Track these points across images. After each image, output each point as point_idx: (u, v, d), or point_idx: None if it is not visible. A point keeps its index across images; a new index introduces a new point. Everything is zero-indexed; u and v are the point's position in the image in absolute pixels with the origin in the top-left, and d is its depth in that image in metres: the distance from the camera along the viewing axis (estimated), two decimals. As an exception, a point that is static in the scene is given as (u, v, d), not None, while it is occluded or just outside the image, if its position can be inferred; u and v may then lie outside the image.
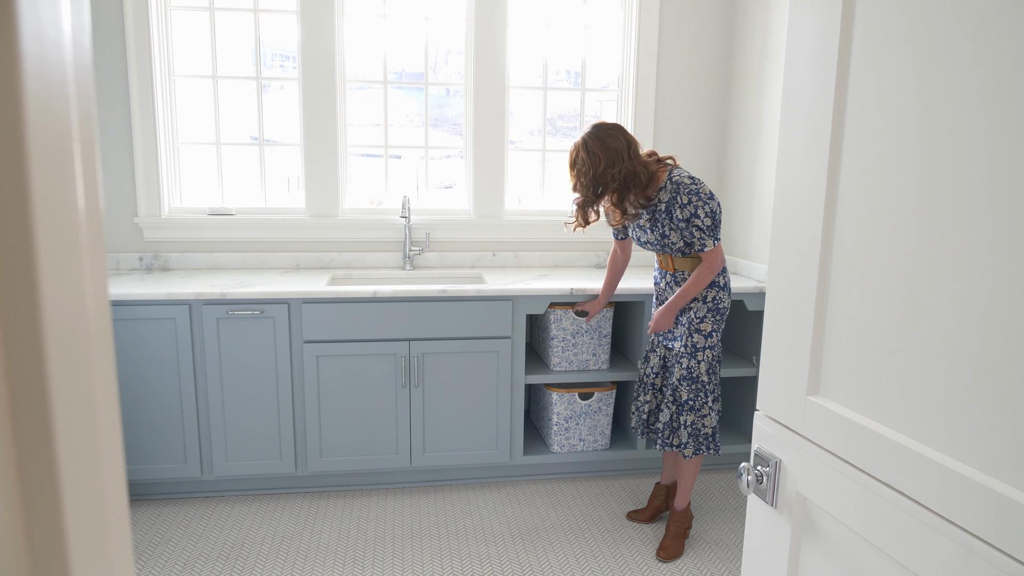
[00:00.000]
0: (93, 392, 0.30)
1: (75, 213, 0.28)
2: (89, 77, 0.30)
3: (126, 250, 3.34)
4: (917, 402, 0.85)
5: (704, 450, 2.60)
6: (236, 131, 3.43)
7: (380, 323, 2.90)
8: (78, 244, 0.29)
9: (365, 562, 2.57)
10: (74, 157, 0.29)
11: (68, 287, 0.28)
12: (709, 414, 2.58)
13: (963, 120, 0.79)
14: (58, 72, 0.27)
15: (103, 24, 3.16)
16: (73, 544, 0.28)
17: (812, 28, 1.02)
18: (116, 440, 0.34)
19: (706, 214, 2.37)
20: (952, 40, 0.80)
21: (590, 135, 2.43)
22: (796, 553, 1.08)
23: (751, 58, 3.42)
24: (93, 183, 0.30)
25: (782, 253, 1.09)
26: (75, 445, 0.28)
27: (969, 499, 0.77)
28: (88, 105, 0.30)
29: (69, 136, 0.28)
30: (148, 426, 2.85)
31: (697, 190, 2.37)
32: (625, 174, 2.38)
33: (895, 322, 0.88)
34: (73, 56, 0.28)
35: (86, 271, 0.29)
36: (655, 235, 2.50)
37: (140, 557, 2.58)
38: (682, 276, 2.56)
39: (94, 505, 0.30)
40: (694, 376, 2.55)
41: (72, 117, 0.28)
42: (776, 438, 1.11)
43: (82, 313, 0.29)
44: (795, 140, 1.05)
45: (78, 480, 0.29)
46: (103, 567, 0.31)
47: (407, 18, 3.43)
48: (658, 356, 2.70)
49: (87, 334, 0.29)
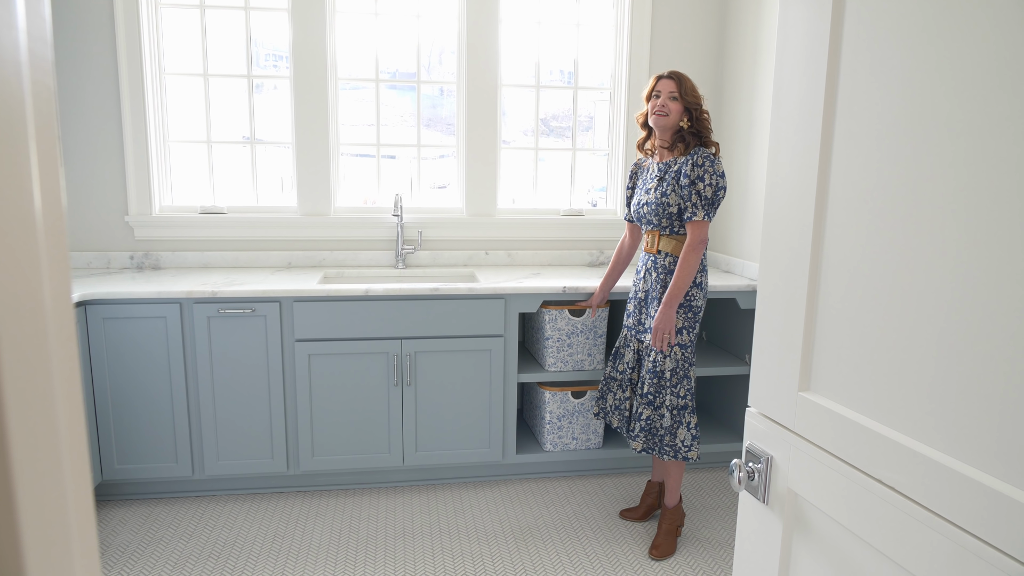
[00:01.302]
0: (52, 396, 0.29)
1: (31, 213, 0.28)
2: (49, 75, 0.29)
3: (117, 248, 3.31)
4: (908, 397, 0.85)
5: (655, 451, 2.58)
6: (228, 130, 3.41)
7: (372, 322, 2.89)
8: (34, 245, 0.28)
9: (357, 561, 2.57)
10: (30, 156, 0.28)
11: (23, 288, 0.27)
12: (665, 414, 2.55)
13: (953, 115, 0.79)
14: (12, 69, 0.26)
15: (92, 21, 3.13)
16: (30, 553, 0.27)
17: (802, 25, 1.01)
18: (80, 444, 0.33)
19: (710, 184, 2.43)
20: (942, 36, 0.80)
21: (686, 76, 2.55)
22: (788, 549, 1.08)
23: (743, 57, 3.41)
24: (53, 182, 0.29)
25: (773, 249, 1.09)
26: (33, 450, 0.27)
27: (960, 494, 0.77)
28: (47, 103, 0.29)
29: (24, 134, 0.27)
30: (139, 425, 2.84)
31: (713, 163, 2.46)
32: (704, 118, 2.53)
33: (886, 317, 0.88)
34: (29, 54, 0.27)
35: (44, 272, 0.28)
36: (656, 195, 2.53)
37: (131, 556, 2.56)
38: (663, 258, 2.55)
39: (54, 512, 0.29)
40: (658, 371, 2.55)
41: (28, 115, 0.27)
42: (767, 435, 1.10)
43: (39, 315, 0.28)
44: (785, 136, 1.05)
45: (36, 486, 0.28)
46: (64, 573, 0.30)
47: (399, 16, 3.41)
48: (632, 350, 2.69)
49: (45, 337, 0.28)
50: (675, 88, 2.48)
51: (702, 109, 2.52)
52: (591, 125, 3.77)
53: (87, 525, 0.34)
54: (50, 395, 0.29)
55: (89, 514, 0.34)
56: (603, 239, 3.68)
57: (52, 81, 0.30)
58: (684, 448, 2.55)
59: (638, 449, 2.60)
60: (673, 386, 2.54)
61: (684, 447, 2.55)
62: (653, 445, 2.59)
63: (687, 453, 2.55)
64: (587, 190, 3.80)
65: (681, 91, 2.48)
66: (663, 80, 2.51)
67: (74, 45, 3.13)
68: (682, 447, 2.55)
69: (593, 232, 3.66)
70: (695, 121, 2.50)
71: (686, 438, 2.55)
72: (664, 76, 2.51)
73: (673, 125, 2.50)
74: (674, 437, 2.55)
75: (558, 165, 3.72)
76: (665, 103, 2.49)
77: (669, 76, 2.50)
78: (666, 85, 2.50)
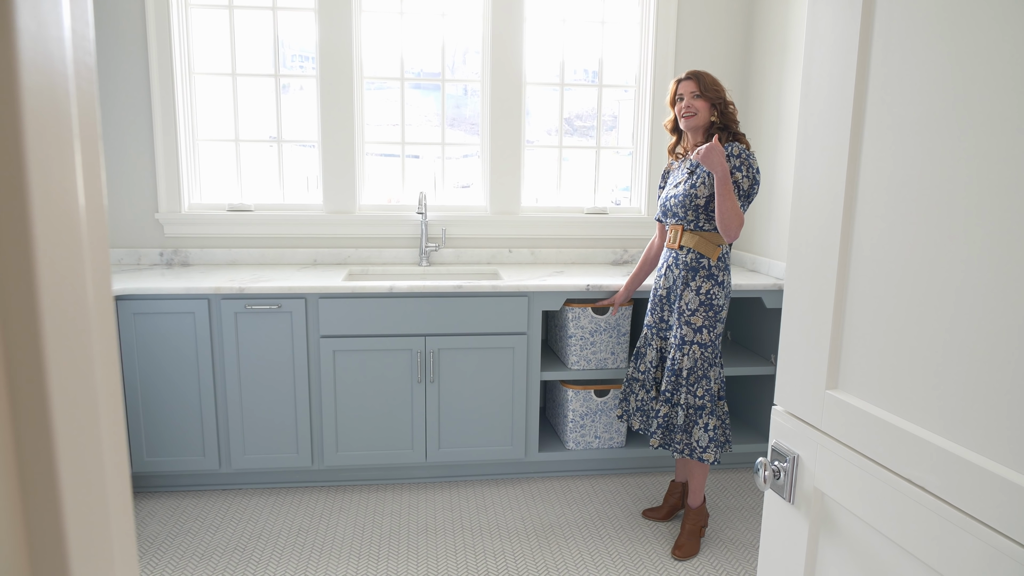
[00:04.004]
0: (95, 390, 0.30)
1: (76, 210, 0.28)
2: (92, 74, 0.30)
3: (147, 245, 3.37)
4: (940, 395, 0.83)
5: (670, 448, 2.57)
6: (256, 129, 3.45)
7: (396, 318, 2.90)
8: (79, 241, 0.29)
9: (380, 556, 2.59)
10: (75, 154, 0.28)
11: (68, 285, 0.28)
12: (679, 413, 2.53)
13: (993, 104, 0.77)
14: (59, 68, 0.27)
15: (124, 21, 3.19)
16: (73, 545, 0.28)
17: (832, 16, 1.00)
18: (119, 438, 0.33)
19: (747, 176, 2.42)
20: (979, 22, 0.78)
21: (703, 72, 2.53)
22: (814, 550, 1.07)
23: (771, 53, 3.38)
24: (95, 180, 0.30)
25: (801, 244, 1.08)
26: (76, 444, 0.28)
27: (993, 494, 0.75)
28: (91, 102, 0.30)
29: (70, 133, 0.28)
30: (167, 419, 2.88)
31: (749, 156, 2.45)
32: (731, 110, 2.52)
33: (918, 313, 0.86)
34: (74, 52, 0.28)
35: (87, 268, 0.29)
36: (685, 187, 2.52)
37: (159, 548, 2.61)
38: (686, 254, 2.53)
39: (95, 505, 0.30)
40: (676, 369, 2.53)
41: (73, 113, 0.28)
42: (794, 433, 1.09)
43: (83, 311, 0.29)
44: (814, 129, 1.04)
45: (79, 479, 0.29)
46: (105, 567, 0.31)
47: (424, 15, 3.43)
48: (655, 349, 2.68)
49: (88, 332, 0.29)
50: (695, 87, 2.48)
51: (727, 102, 2.51)
52: (615, 124, 3.75)
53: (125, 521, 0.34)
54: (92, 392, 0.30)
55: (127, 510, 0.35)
56: (627, 237, 3.66)
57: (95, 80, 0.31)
58: (700, 448, 2.52)
59: (655, 446, 2.59)
60: (690, 385, 2.52)
61: (700, 447, 2.52)
62: (668, 441, 2.58)
63: (702, 454, 2.51)
64: (611, 189, 3.78)
65: (702, 88, 2.47)
66: (683, 82, 2.50)
67: (106, 45, 3.19)
68: (697, 447, 2.52)
69: (617, 230, 3.64)
70: (722, 115, 2.50)
71: (702, 439, 2.51)
72: (683, 78, 2.51)
73: (704, 123, 2.50)
74: (689, 436, 2.53)
75: (582, 164, 3.71)
76: (691, 103, 2.48)
77: (688, 77, 2.50)
78: (687, 86, 2.49)
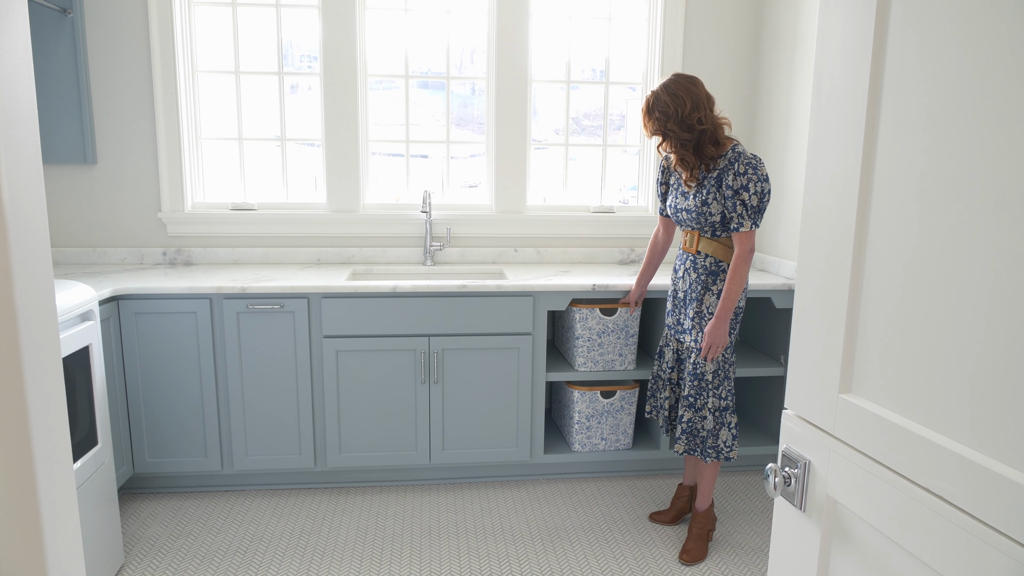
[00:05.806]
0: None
1: None
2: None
3: (150, 244, 3.35)
4: (957, 400, 0.80)
5: (697, 453, 2.55)
6: (259, 127, 3.43)
7: (400, 318, 2.87)
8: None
9: (383, 559, 2.55)
10: None
11: None
12: (707, 416, 2.51)
13: (1014, 96, 0.73)
14: None
15: (127, 19, 3.17)
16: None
17: (845, 10, 0.96)
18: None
19: (756, 192, 2.34)
20: (999, 13, 0.74)
21: (673, 80, 2.39)
22: (826, 560, 1.03)
23: (781, 50, 3.33)
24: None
25: (813, 244, 1.04)
26: None
27: (1012, 504, 0.72)
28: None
29: None
30: (169, 419, 2.86)
31: (756, 166, 2.35)
32: (707, 123, 2.36)
33: (935, 315, 0.83)
34: None
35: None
36: (695, 202, 2.44)
37: (160, 550, 2.58)
38: (704, 259, 2.48)
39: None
40: (698, 373, 2.51)
41: None
42: (805, 438, 1.06)
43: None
44: (827, 125, 1.00)
45: None
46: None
47: (429, 12, 3.40)
48: (672, 350, 2.65)
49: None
50: (655, 129, 2.41)
51: (695, 125, 2.35)
52: (623, 124, 3.71)
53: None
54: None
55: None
56: (634, 236, 3.62)
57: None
58: (726, 448, 2.54)
59: (680, 451, 2.57)
60: (715, 388, 2.50)
61: (726, 447, 2.54)
62: (695, 447, 2.56)
63: (728, 453, 2.54)
64: (619, 189, 3.75)
65: (664, 128, 2.38)
66: (645, 126, 2.45)
67: (109, 42, 3.18)
68: (724, 447, 2.54)
69: (624, 229, 3.60)
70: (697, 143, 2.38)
71: (727, 438, 2.53)
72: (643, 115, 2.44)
73: (689, 157, 2.40)
74: (716, 439, 2.53)
75: (588, 163, 3.68)
76: (664, 149, 2.47)
77: (646, 112, 2.41)
78: (648, 129, 2.43)
